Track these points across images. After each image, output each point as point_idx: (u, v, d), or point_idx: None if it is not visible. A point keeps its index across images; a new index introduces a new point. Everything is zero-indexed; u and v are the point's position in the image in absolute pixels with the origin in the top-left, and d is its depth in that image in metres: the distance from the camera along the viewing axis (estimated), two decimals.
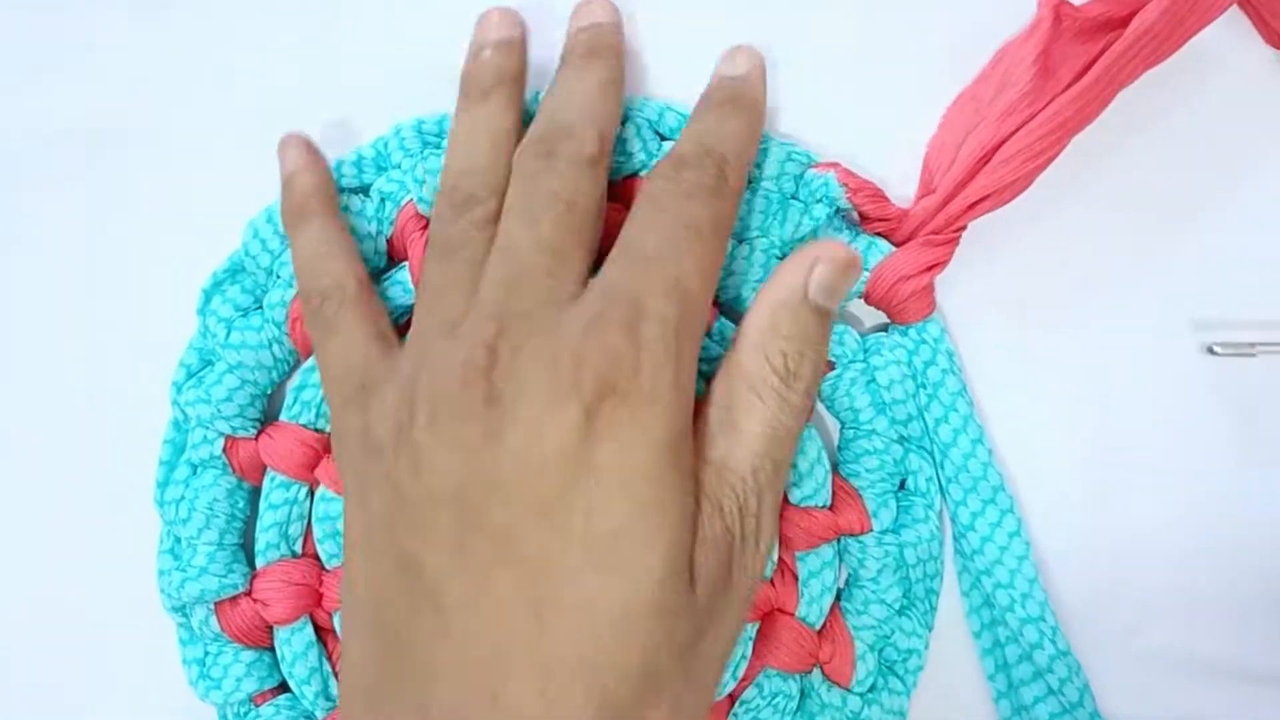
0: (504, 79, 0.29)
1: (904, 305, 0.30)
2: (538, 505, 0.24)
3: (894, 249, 0.30)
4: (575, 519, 0.24)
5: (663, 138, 0.31)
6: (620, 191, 0.30)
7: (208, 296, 0.31)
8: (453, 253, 0.27)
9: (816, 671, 0.31)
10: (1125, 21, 0.28)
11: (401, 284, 0.31)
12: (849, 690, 0.31)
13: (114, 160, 0.33)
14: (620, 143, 0.30)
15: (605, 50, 0.29)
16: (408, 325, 0.29)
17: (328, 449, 0.31)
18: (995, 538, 0.31)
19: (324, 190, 0.30)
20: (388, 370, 0.27)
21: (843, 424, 0.31)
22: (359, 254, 0.30)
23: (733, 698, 0.31)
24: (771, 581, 0.31)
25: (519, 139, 0.28)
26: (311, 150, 0.31)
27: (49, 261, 0.33)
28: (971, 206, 0.29)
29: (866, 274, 0.30)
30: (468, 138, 0.29)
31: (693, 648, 0.24)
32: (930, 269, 0.29)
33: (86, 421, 0.33)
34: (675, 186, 0.27)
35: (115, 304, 0.33)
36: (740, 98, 0.29)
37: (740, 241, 0.30)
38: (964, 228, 0.29)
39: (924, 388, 0.31)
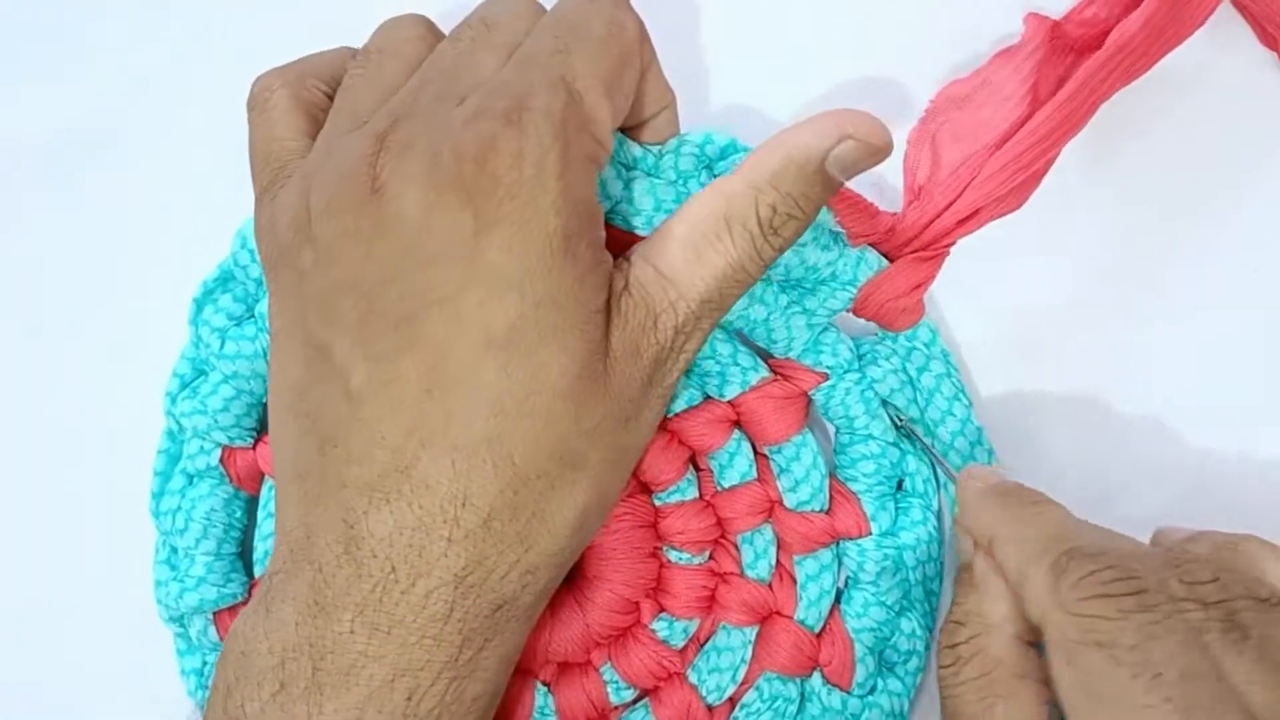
0: None
1: (894, 320, 0.30)
2: (434, 296, 0.24)
3: (883, 264, 0.30)
4: (472, 311, 0.24)
5: (627, 168, 0.30)
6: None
7: (199, 306, 0.31)
8: (368, 54, 0.28)
9: (816, 675, 0.31)
10: (1105, 36, 0.28)
11: None
12: (849, 693, 0.31)
13: (114, 161, 0.33)
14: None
15: None
16: None
17: None
18: None
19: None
20: (298, 163, 0.27)
21: (838, 429, 0.31)
22: (310, 64, 0.30)
23: (733, 701, 0.31)
24: (770, 585, 0.31)
25: None
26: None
27: (48, 261, 0.33)
28: (961, 223, 0.29)
29: (854, 291, 0.30)
30: None
31: (607, 436, 0.26)
32: (919, 287, 0.29)
33: (83, 425, 0.33)
34: (574, 2, 0.27)
35: (115, 304, 0.33)
36: None
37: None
38: (953, 244, 0.29)
39: (920, 392, 0.30)
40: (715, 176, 0.30)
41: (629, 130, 0.30)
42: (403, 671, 0.24)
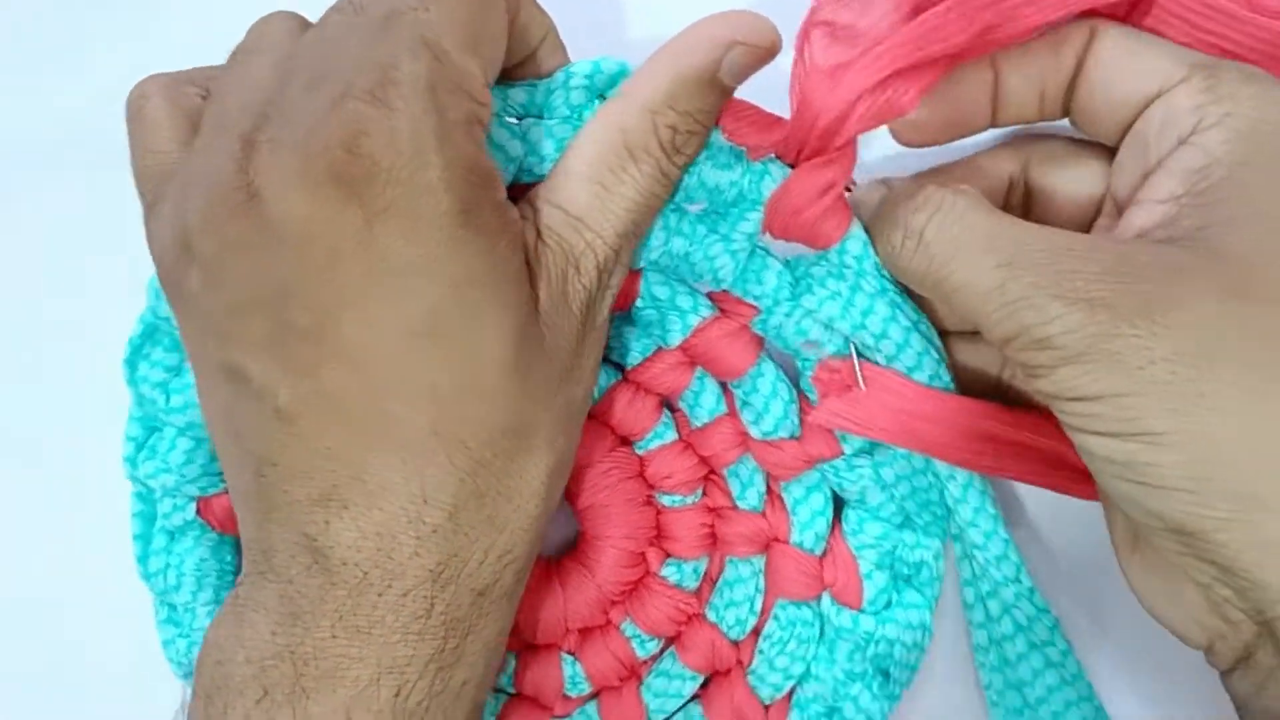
0: None
1: (813, 232, 0.28)
2: (339, 301, 0.23)
3: (788, 172, 0.28)
4: (384, 308, 0.23)
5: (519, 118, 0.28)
6: None
7: (133, 366, 0.30)
8: (249, 55, 0.26)
9: (825, 597, 0.31)
10: None
11: None
12: (860, 611, 0.30)
13: (113, 161, 0.32)
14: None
15: None
16: None
17: None
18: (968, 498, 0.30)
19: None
20: (175, 172, 0.26)
21: (795, 355, 0.30)
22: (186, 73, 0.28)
23: (756, 632, 0.31)
24: (764, 513, 0.31)
25: None
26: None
27: (48, 261, 0.33)
28: (845, 120, 0.26)
29: (760, 210, 0.28)
30: None
31: (556, 394, 0.25)
32: (829, 189, 0.27)
33: (82, 425, 0.33)
34: None
35: (115, 304, 0.32)
36: None
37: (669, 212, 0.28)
38: (849, 143, 0.27)
39: (854, 311, 0.28)
40: None
41: (516, 69, 0.28)
42: (388, 669, 0.24)
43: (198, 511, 0.30)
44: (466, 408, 0.24)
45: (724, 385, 0.30)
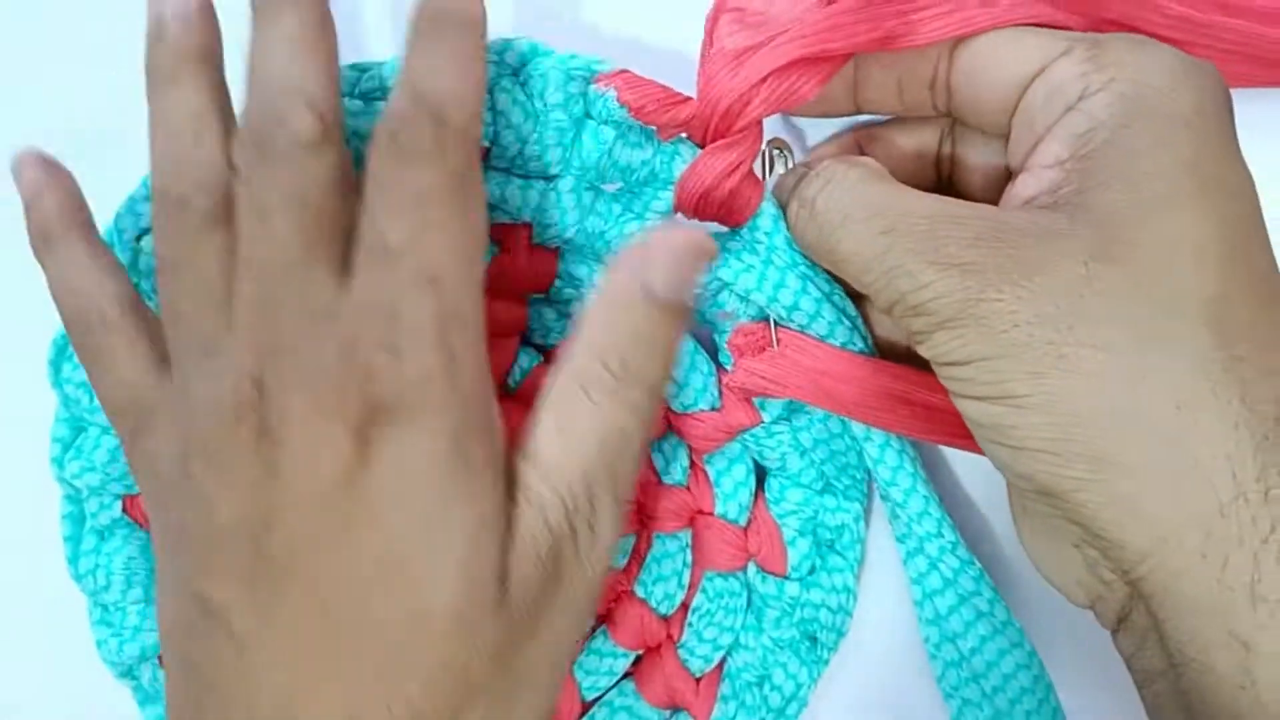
0: (188, 57, 0.25)
1: (722, 211, 0.29)
2: (321, 535, 0.23)
3: (698, 152, 0.28)
4: (361, 542, 0.23)
5: None
6: None
7: (56, 368, 0.30)
8: (181, 268, 0.25)
9: (751, 566, 0.31)
10: None
11: None
12: (785, 578, 0.31)
13: (113, 161, 0.32)
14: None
15: None
16: None
17: None
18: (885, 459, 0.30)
19: (70, 209, 0.27)
20: (161, 399, 0.26)
21: (713, 328, 0.30)
22: (120, 271, 0.27)
23: (685, 606, 0.32)
24: (688, 487, 0.31)
25: (229, 117, 0.26)
26: (51, 167, 0.28)
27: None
28: (747, 103, 0.27)
29: (672, 189, 0.29)
30: (163, 132, 0.25)
31: (513, 650, 0.24)
32: (735, 169, 0.28)
33: None
34: (394, 157, 0.24)
35: None
36: (445, 15, 0.24)
37: (547, 181, 0.29)
38: (752, 125, 0.28)
39: (767, 283, 0.29)
40: (520, 82, 0.28)
41: None
42: None
43: (124, 509, 0.31)
44: (413, 655, 0.23)
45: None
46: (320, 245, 0.24)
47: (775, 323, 0.29)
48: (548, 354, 0.31)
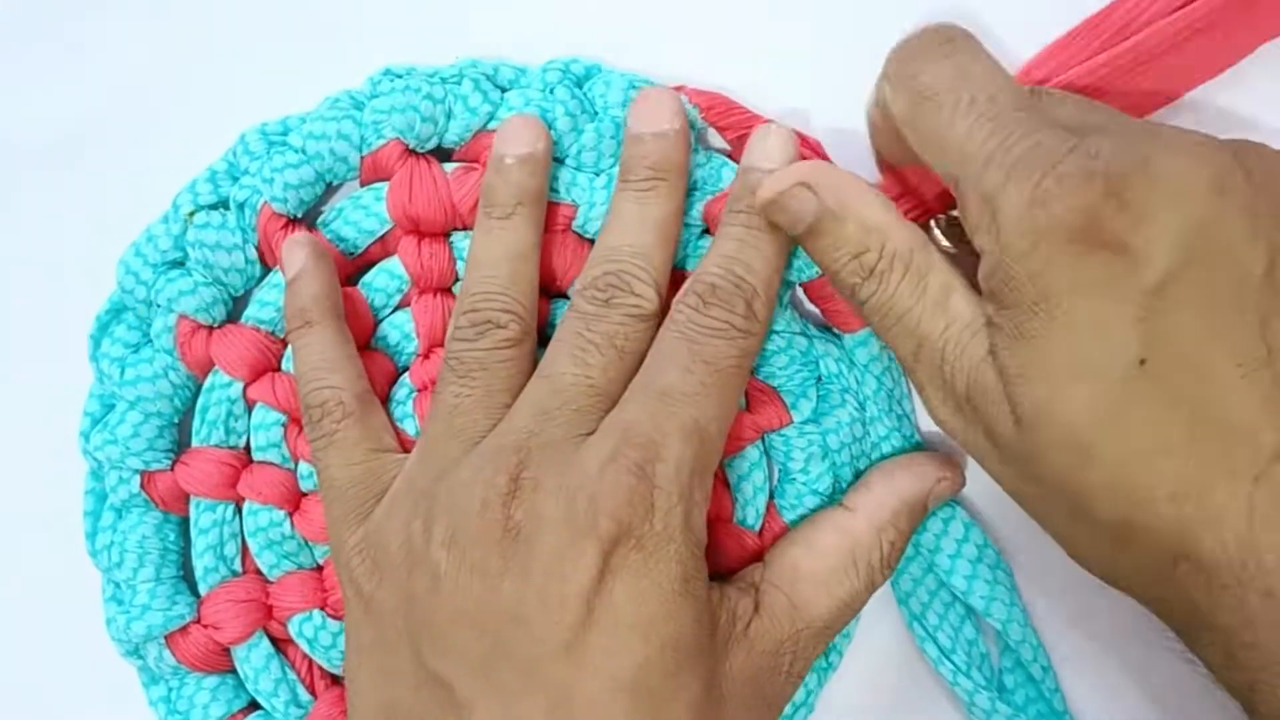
0: (525, 198, 0.29)
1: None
2: (560, 641, 0.24)
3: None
4: (596, 656, 0.24)
5: (502, 90, 0.31)
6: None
7: (96, 342, 0.31)
8: (470, 373, 0.28)
9: None
10: None
11: (278, 288, 0.30)
12: None
13: (113, 161, 0.33)
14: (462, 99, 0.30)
15: (669, 170, 0.28)
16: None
17: (245, 464, 0.31)
18: None
19: (326, 297, 0.29)
20: (398, 482, 0.28)
21: None
22: (358, 364, 0.30)
23: None
24: None
25: (538, 257, 0.29)
26: (317, 252, 0.30)
27: (47, 262, 0.34)
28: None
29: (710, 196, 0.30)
30: (487, 259, 0.29)
31: None
32: None
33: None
34: (702, 321, 0.27)
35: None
36: (769, 213, 0.27)
37: (596, 174, 0.30)
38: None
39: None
40: (583, 90, 0.30)
41: None
42: None
43: (142, 485, 0.31)
44: None
45: None
46: (614, 389, 0.27)
47: None
48: None
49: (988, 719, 0.29)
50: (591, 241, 0.30)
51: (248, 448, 0.31)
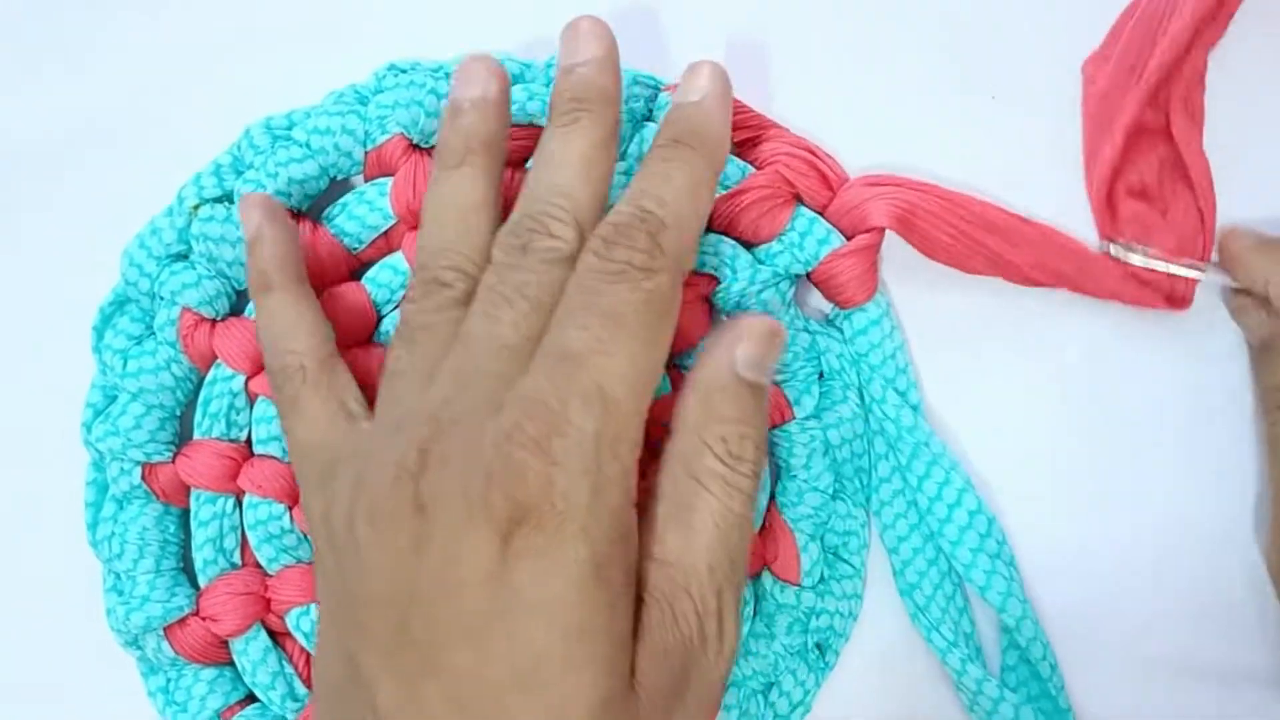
0: (476, 146, 0.27)
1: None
2: (460, 625, 0.23)
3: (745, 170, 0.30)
4: (499, 642, 0.23)
5: None
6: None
7: (99, 333, 0.31)
8: (413, 337, 0.26)
9: (766, 575, 0.30)
10: None
11: None
12: (800, 587, 0.30)
13: (113, 161, 0.33)
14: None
15: (594, 99, 0.27)
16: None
17: (245, 457, 0.31)
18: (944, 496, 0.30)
19: (287, 259, 0.29)
20: (349, 452, 0.26)
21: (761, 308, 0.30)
22: (323, 326, 0.28)
23: None
24: None
25: (497, 209, 0.27)
26: (274, 213, 0.29)
27: (51, 252, 0.34)
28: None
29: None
30: (436, 211, 0.27)
31: None
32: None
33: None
34: (603, 266, 0.24)
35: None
36: (691, 135, 0.26)
37: None
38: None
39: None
40: None
41: None
42: None
43: (143, 477, 0.31)
44: None
45: (671, 364, 0.31)
46: (528, 345, 0.25)
47: None
48: None
49: (995, 706, 0.29)
50: None
51: (249, 441, 0.31)
